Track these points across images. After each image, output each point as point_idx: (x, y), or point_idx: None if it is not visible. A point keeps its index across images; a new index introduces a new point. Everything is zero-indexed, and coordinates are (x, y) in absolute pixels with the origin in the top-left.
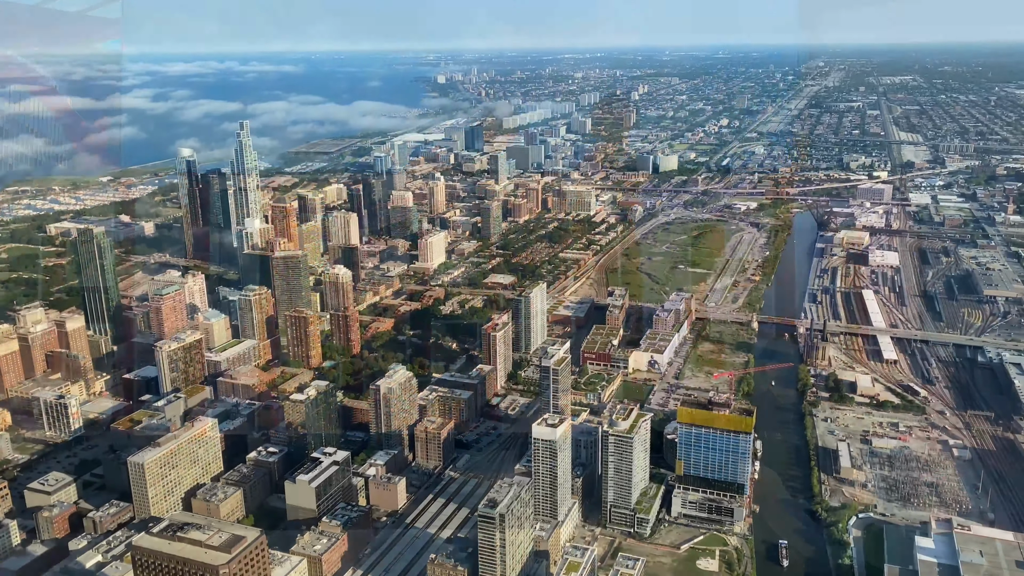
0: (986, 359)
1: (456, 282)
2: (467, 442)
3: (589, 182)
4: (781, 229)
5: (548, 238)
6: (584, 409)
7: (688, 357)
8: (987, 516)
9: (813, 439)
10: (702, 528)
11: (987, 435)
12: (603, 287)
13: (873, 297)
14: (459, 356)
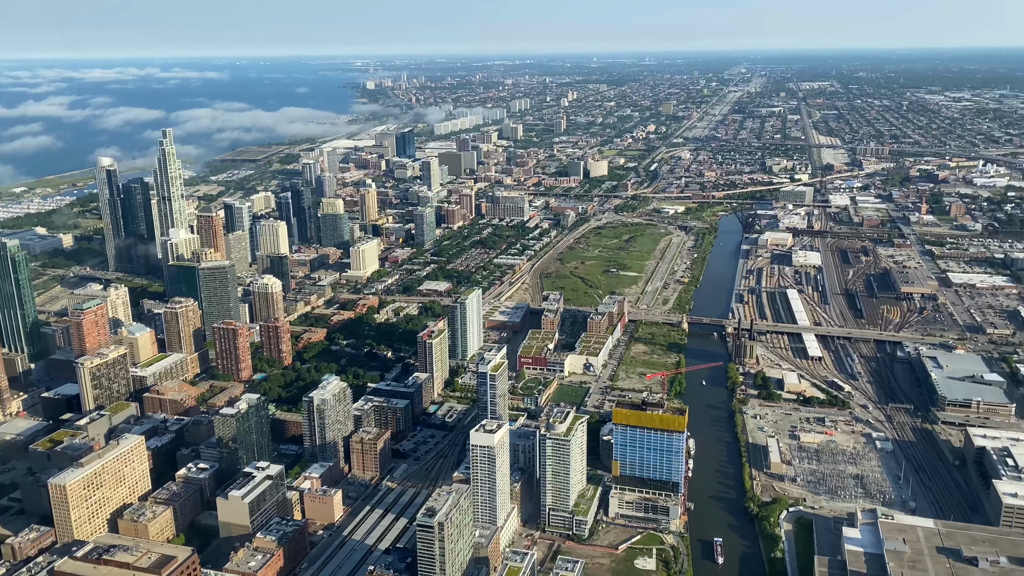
0: (904, 354)
1: (390, 290)
2: (404, 451)
3: (522, 188)
4: (708, 232)
5: (482, 244)
6: (522, 414)
7: (622, 359)
8: (909, 505)
9: (744, 436)
10: (639, 527)
11: (907, 427)
12: (538, 292)
13: (797, 296)
14: (394, 364)
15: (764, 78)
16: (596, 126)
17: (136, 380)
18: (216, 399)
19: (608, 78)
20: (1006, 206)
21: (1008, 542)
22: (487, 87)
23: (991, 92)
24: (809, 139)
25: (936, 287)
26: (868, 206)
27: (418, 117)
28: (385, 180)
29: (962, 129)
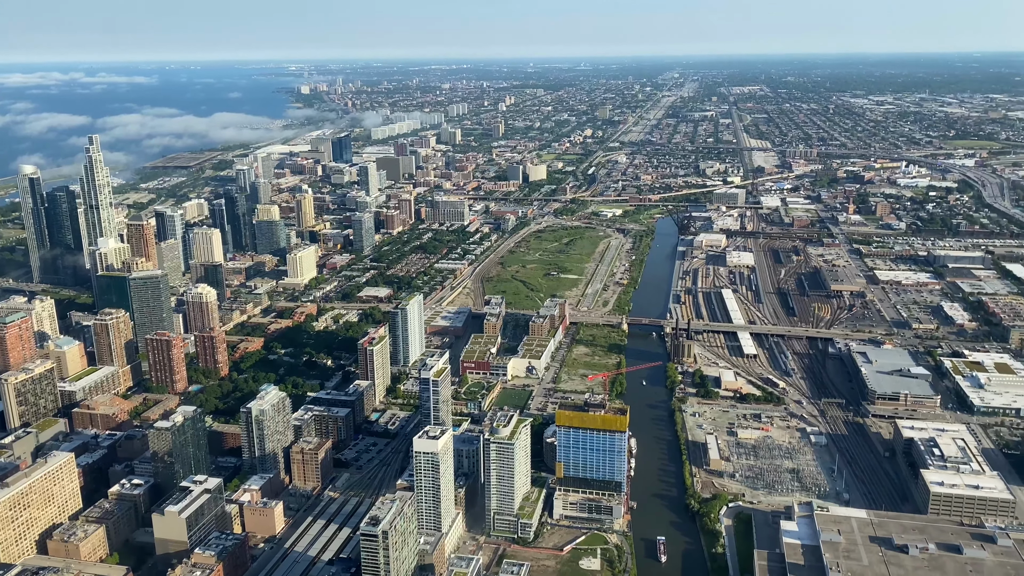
0: (835, 350)
1: (329, 297)
2: (346, 460)
3: (462, 192)
4: (645, 234)
5: (423, 249)
6: (465, 419)
7: (564, 361)
8: (843, 497)
9: (683, 434)
10: (583, 528)
11: (840, 421)
12: (480, 296)
13: (732, 296)
14: (335, 373)
15: (697, 83)
16: (534, 130)
17: (65, 395)
18: (150, 412)
19: (545, 83)
20: (928, 205)
21: (936, 529)
22: (424, 91)
23: (912, 96)
24: (740, 142)
25: (864, 285)
26: (798, 207)
27: (355, 122)
28: (322, 185)
29: (885, 131)
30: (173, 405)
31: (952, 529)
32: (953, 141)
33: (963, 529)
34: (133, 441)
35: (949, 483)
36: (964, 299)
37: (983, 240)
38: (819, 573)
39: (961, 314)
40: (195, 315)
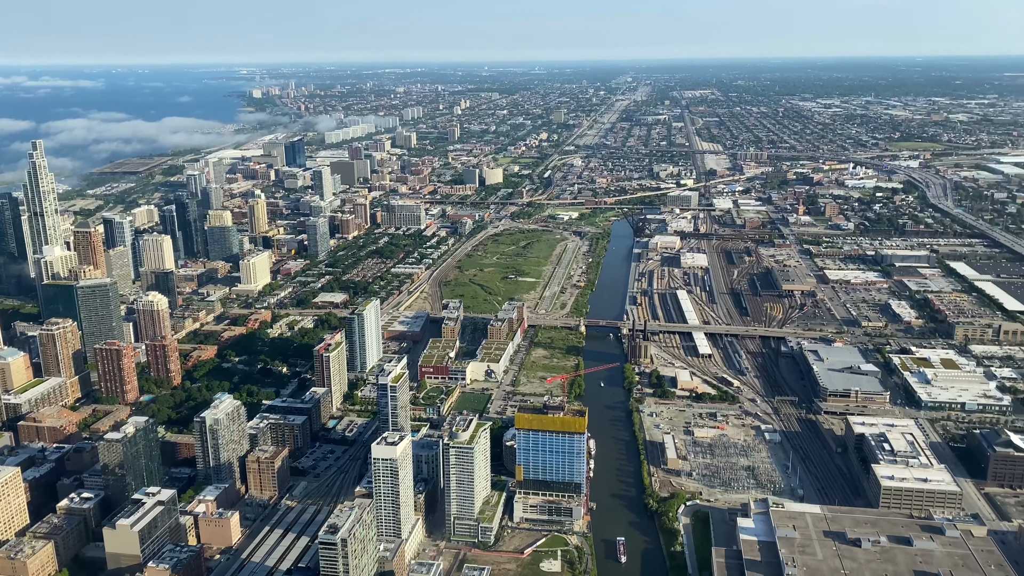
0: (788, 348)
1: (283, 303)
2: (303, 468)
3: (418, 196)
4: (601, 236)
5: (379, 253)
6: (424, 424)
7: (523, 364)
8: (797, 493)
9: (641, 434)
10: (544, 531)
11: (793, 418)
12: (437, 300)
13: (687, 297)
14: (290, 380)
15: (649, 87)
16: (490, 134)
17: (9, 408)
18: (100, 424)
19: (500, 86)
20: (875, 206)
21: (887, 522)
22: (379, 95)
23: (858, 99)
24: (693, 145)
25: (814, 284)
26: (749, 209)
27: (308, 126)
28: (275, 190)
29: (833, 134)
30: (124, 416)
31: (902, 522)
32: (898, 143)
33: (913, 521)
34: (82, 454)
35: (899, 477)
36: (911, 297)
37: (928, 239)
38: (775, 569)
39: (908, 312)
40: (146, 323)
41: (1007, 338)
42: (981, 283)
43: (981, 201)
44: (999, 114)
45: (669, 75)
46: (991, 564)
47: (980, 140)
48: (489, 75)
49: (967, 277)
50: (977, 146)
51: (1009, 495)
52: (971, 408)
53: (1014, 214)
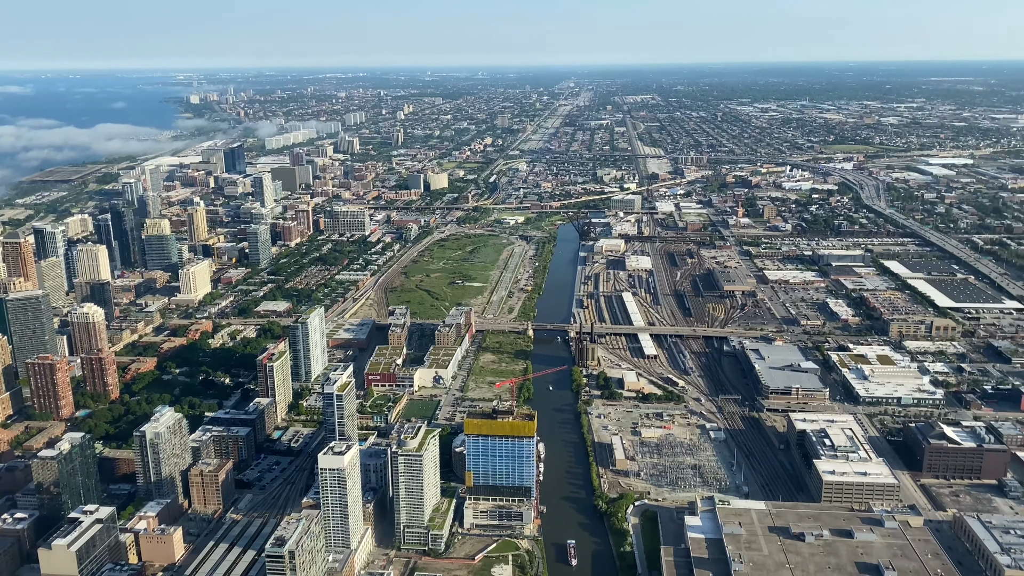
0: (730, 348)
1: (225, 313)
2: (249, 481)
3: (361, 202)
4: (547, 240)
5: (322, 260)
6: (372, 432)
7: (471, 369)
8: (742, 490)
9: (589, 436)
10: (494, 536)
11: (736, 416)
12: (383, 307)
13: (632, 299)
14: (233, 391)
15: (592, 92)
16: (434, 139)
17: None
18: (33, 441)
19: (443, 91)
20: (811, 207)
21: (829, 516)
22: (320, 100)
23: (793, 103)
24: (635, 150)
25: (755, 284)
26: (691, 212)
27: (248, 131)
28: (215, 198)
29: (770, 137)
30: (59, 432)
31: (844, 515)
32: (832, 146)
33: (854, 514)
34: (14, 472)
35: (839, 471)
36: (847, 296)
37: (862, 239)
38: (723, 565)
39: (845, 310)
40: (81, 336)
41: (939, 334)
42: (914, 281)
43: (912, 201)
44: (927, 117)
45: (611, 81)
46: (927, 553)
47: (910, 142)
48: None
49: (900, 275)
50: (907, 148)
51: (943, 486)
52: (906, 402)
53: (943, 214)
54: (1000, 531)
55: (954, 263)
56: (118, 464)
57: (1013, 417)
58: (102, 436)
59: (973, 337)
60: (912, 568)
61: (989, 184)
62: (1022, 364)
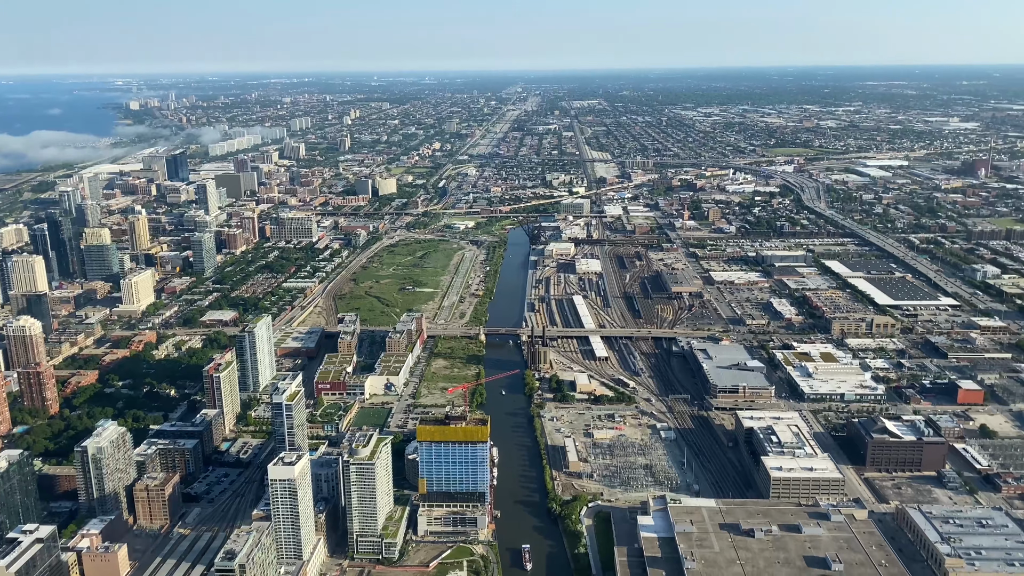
0: (679, 348)
1: (169, 323)
2: (196, 494)
3: (308, 208)
4: (498, 245)
5: (269, 268)
6: (322, 442)
7: (423, 375)
8: (693, 488)
9: (543, 439)
10: (449, 542)
11: (686, 415)
12: (332, 314)
13: (582, 302)
14: (179, 403)
15: (539, 97)
16: (381, 144)
17: None
18: None
19: (390, 96)
20: (754, 209)
21: (777, 511)
22: (264, 106)
23: (735, 107)
24: (583, 154)
25: (701, 286)
26: (638, 215)
27: (191, 138)
28: (157, 206)
29: (713, 141)
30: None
31: (792, 510)
32: (774, 149)
33: (801, 509)
34: None
35: (787, 468)
36: (790, 295)
37: (804, 240)
38: (675, 564)
39: (788, 309)
40: (17, 350)
41: (879, 331)
42: (854, 280)
43: (851, 202)
44: (864, 120)
45: (558, 86)
46: (872, 545)
47: (848, 145)
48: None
49: (841, 275)
50: (845, 151)
51: (886, 479)
52: (849, 398)
53: (881, 214)
54: (940, 521)
55: (892, 262)
56: (59, 481)
57: (950, 410)
58: (41, 452)
59: (911, 333)
60: (858, 560)
61: (924, 185)
62: (958, 359)
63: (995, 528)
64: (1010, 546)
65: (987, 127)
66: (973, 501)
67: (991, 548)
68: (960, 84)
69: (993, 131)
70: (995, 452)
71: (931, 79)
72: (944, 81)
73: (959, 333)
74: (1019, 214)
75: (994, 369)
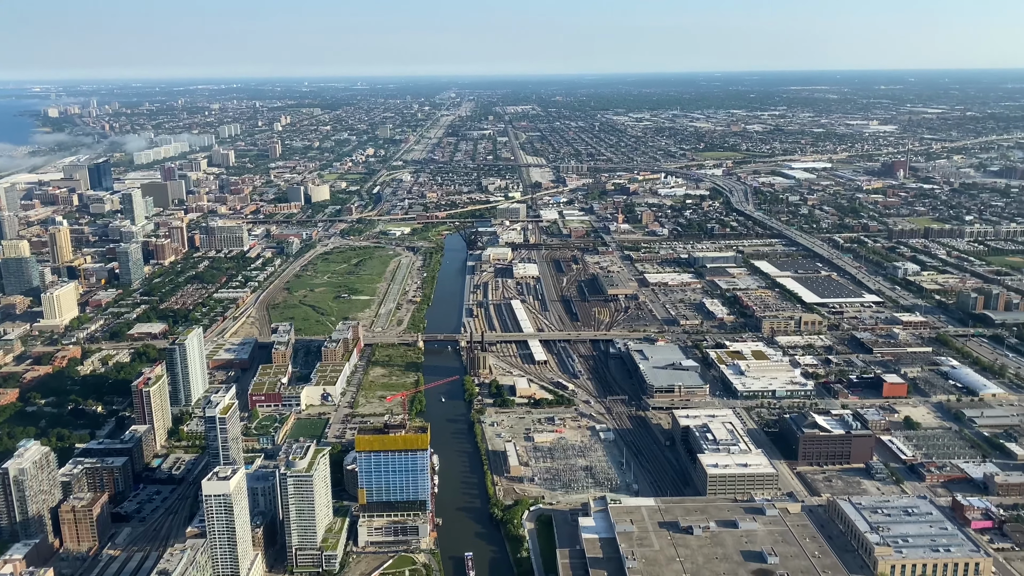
0: (616, 350)
1: (95, 337)
2: (127, 513)
3: (239, 216)
4: (435, 251)
5: (199, 279)
6: (258, 455)
7: (361, 384)
8: (632, 488)
9: (483, 444)
10: (390, 552)
11: (624, 416)
12: (266, 325)
13: (521, 306)
14: (107, 420)
15: (473, 103)
16: (313, 150)
17: None
18: None
19: (322, 102)
20: (685, 212)
21: (714, 508)
22: (192, 112)
23: (666, 112)
24: (518, 159)
25: (636, 288)
26: (574, 219)
27: (115, 146)
28: (79, 216)
29: (645, 146)
30: None
31: (728, 506)
32: (703, 153)
33: (737, 505)
34: None
35: (722, 464)
36: (722, 295)
37: (734, 241)
38: (616, 563)
39: (720, 309)
40: None
41: (807, 328)
42: (782, 279)
43: (777, 204)
44: (788, 124)
45: (491, 91)
46: (806, 537)
47: (774, 148)
48: (310, 91)
49: (770, 274)
50: (771, 154)
51: (817, 472)
52: (781, 395)
53: (806, 215)
54: (869, 511)
55: (818, 261)
56: None
57: (876, 404)
58: None
59: (838, 330)
60: (792, 552)
61: (846, 186)
62: (882, 354)
63: (920, 516)
64: (934, 532)
65: (904, 130)
66: (899, 491)
67: (917, 535)
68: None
69: (910, 134)
70: (919, 443)
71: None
72: (863, 86)
73: (883, 329)
74: (936, 213)
75: (916, 363)
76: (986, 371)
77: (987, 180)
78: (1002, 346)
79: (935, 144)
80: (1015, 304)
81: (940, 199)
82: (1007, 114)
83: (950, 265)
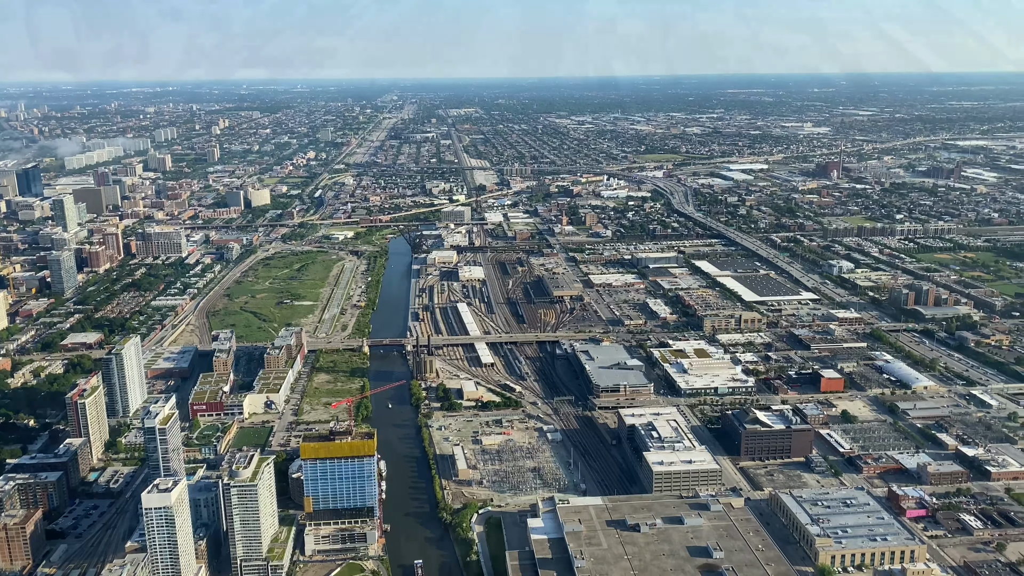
0: (562, 351)
1: (26, 348)
2: (62, 530)
3: (177, 222)
4: (379, 254)
5: (136, 286)
6: (200, 466)
7: (305, 391)
8: (580, 488)
9: (431, 449)
10: (338, 560)
11: (571, 416)
12: (206, 332)
13: (467, 309)
14: (40, 433)
15: (415, 105)
16: (253, 154)
17: None
18: None
19: (261, 105)
20: (628, 213)
21: (660, 505)
22: (126, 116)
23: (607, 115)
24: (462, 162)
25: (581, 289)
26: (519, 221)
27: (45, 151)
28: (7, 223)
29: (588, 148)
30: None
31: (674, 503)
32: (644, 155)
33: (683, 501)
34: None
35: (667, 462)
36: (664, 295)
37: (675, 241)
38: (566, 563)
39: (663, 308)
40: None
41: (747, 326)
42: (722, 278)
43: (717, 205)
44: (726, 127)
45: (433, 94)
46: (750, 531)
47: (712, 150)
48: (248, 94)
49: (710, 274)
50: (710, 156)
51: (759, 467)
52: (723, 392)
53: (744, 215)
54: (809, 504)
55: (756, 260)
56: None
57: (814, 399)
58: None
59: (776, 327)
60: (737, 547)
61: (783, 187)
62: (820, 350)
63: (858, 507)
64: (872, 523)
65: (837, 132)
66: (838, 483)
67: (856, 526)
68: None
69: (842, 135)
70: (856, 436)
71: (786, 87)
72: (797, 89)
73: (819, 325)
74: (868, 212)
75: (852, 358)
76: (918, 365)
77: (916, 180)
78: (932, 340)
79: (866, 145)
80: (944, 299)
81: (872, 199)
82: (933, 116)
83: (882, 263)
